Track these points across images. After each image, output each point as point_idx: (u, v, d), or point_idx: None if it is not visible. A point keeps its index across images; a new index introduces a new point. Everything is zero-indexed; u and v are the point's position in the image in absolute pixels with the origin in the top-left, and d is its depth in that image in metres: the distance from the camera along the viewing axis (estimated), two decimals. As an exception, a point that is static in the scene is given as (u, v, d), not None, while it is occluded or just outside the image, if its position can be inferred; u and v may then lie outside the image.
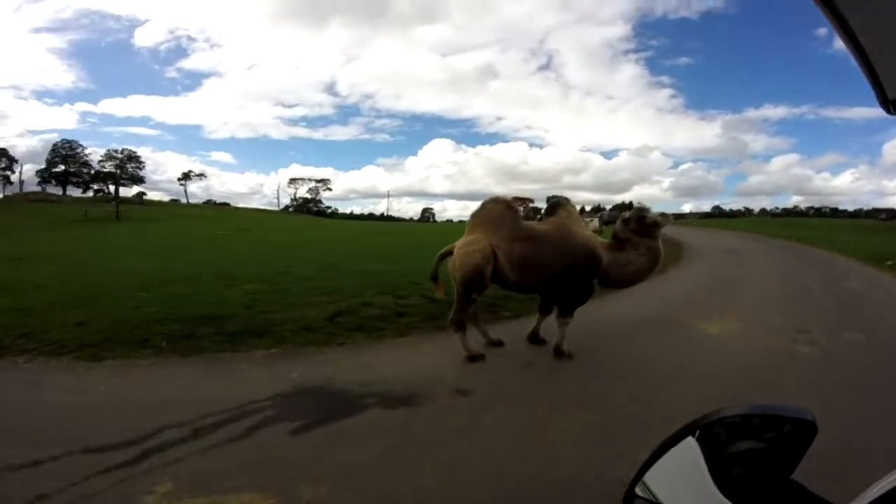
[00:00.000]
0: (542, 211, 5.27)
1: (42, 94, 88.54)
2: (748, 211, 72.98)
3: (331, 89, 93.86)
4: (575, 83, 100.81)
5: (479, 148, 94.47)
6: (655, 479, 0.72)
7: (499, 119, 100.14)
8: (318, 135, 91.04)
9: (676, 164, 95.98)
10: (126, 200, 47.39)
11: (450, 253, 4.46)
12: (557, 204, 4.82)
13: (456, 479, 2.37)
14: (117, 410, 3.12)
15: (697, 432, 0.69)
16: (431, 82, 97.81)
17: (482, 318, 4.94)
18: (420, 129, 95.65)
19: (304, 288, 7.38)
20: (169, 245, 16.08)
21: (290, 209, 64.05)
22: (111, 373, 3.83)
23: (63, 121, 79.26)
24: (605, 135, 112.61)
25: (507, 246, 4.36)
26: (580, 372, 4.08)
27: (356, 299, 6.52)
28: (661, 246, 4.50)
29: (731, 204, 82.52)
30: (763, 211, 73.08)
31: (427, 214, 76.67)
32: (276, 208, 65.49)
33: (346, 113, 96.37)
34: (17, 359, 4.05)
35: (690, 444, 0.69)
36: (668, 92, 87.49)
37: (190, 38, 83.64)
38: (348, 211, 74.49)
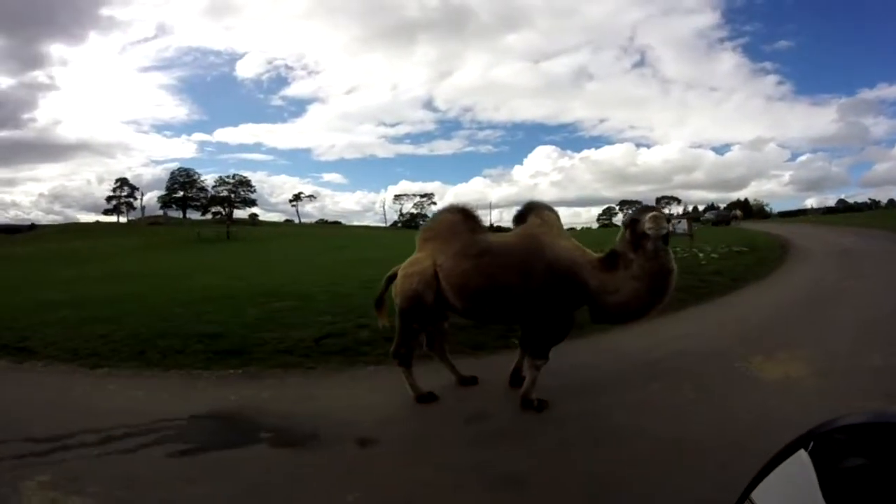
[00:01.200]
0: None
1: (161, 128, 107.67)
2: (874, 203, 66.06)
3: (429, 105, 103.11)
4: (673, 78, 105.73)
5: (585, 152, 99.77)
6: (763, 496, 0.68)
7: (601, 121, 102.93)
8: (423, 150, 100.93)
9: (794, 156, 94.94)
10: (240, 221, 54.93)
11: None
12: (528, 208, 4.08)
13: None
14: (73, 411, 3.86)
15: (811, 444, 0.65)
16: (527, 90, 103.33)
17: (448, 350, 4.58)
18: (522, 137, 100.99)
19: (330, 306, 7.89)
20: (255, 263, 18.21)
21: (399, 224, 69.94)
22: (95, 380, 4.69)
23: (182, 151, 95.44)
24: (714, 129, 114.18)
25: (452, 264, 3.90)
26: (540, 434, 3.42)
27: (360, 320, 6.84)
28: (670, 263, 3.43)
29: (857, 196, 77.76)
30: (891, 202, 65.39)
31: None
32: (384, 224, 71.71)
33: (447, 127, 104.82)
34: (37, 363, 5.04)
35: (802, 458, 0.65)
36: (773, 79, 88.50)
37: (288, 67, 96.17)
38: None
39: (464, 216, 4.19)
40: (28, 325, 6.46)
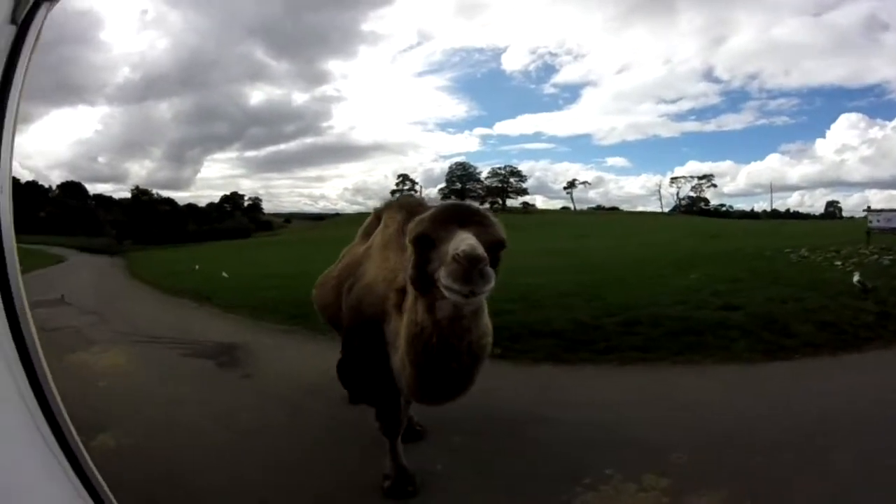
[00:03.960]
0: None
1: (444, 125, 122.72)
2: None
3: (709, 76, 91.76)
4: None
5: None
6: None
7: None
8: (710, 126, 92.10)
9: None
10: (512, 210, 61.62)
11: None
12: (387, 206, 3.52)
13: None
14: (182, 329, 7.55)
15: None
16: (816, 48, 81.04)
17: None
18: (821, 105, 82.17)
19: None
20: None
21: (680, 210, 67.78)
22: (216, 319, 8.58)
23: (467, 145, 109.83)
24: None
25: None
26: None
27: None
28: (464, 339, 2.23)
29: None
30: None
31: (832, 209, 66.21)
32: (659, 210, 70.62)
33: (733, 99, 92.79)
34: (208, 307, 9.35)
35: None
36: None
37: (552, 55, 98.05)
38: (749, 208, 72.36)
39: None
40: (227, 286, 11.28)
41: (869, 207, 16.95)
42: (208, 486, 3.25)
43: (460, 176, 78.45)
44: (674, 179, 73.53)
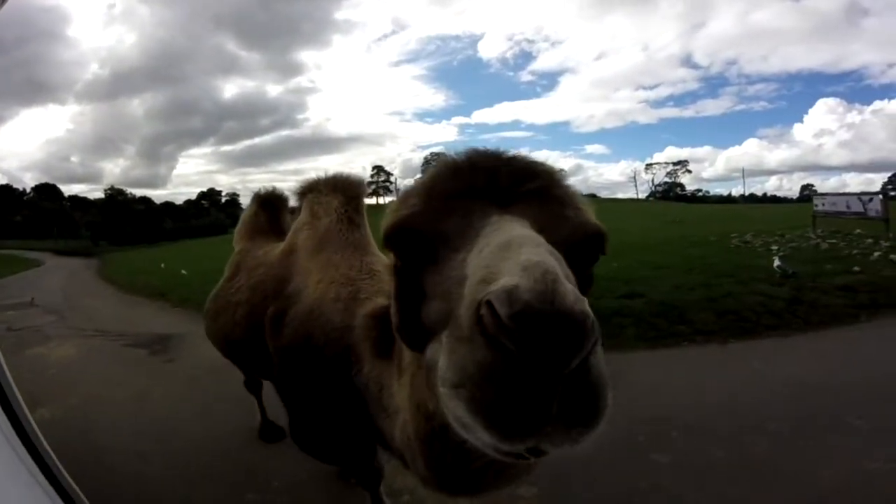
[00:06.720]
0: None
1: (422, 115, 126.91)
2: None
3: (688, 62, 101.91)
4: None
5: (876, 104, 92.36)
6: None
7: (890, 66, 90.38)
8: (689, 112, 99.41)
9: None
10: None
11: None
12: (302, 192, 2.81)
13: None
14: (126, 322, 9.13)
15: None
16: (796, 34, 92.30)
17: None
18: (800, 90, 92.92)
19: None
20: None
21: (657, 196, 70.94)
22: (161, 313, 10.04)
23: (445, 135, 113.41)
24: None
25: None
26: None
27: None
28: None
29: None
30: None
31: (807, 192, 73.44)
32: (636, 196, 74.74)
33: (712, 85, 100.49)
34: (162, 303, 10.88)
35: None
36: None
37: (529, 41, 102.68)
38: (727, 192, 77.55)
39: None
40: (184, 283, 12.86)
41: (815, 191, 17.77)
42: (107, 441, 4.59)
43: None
44: (649, 166, 77.57)
